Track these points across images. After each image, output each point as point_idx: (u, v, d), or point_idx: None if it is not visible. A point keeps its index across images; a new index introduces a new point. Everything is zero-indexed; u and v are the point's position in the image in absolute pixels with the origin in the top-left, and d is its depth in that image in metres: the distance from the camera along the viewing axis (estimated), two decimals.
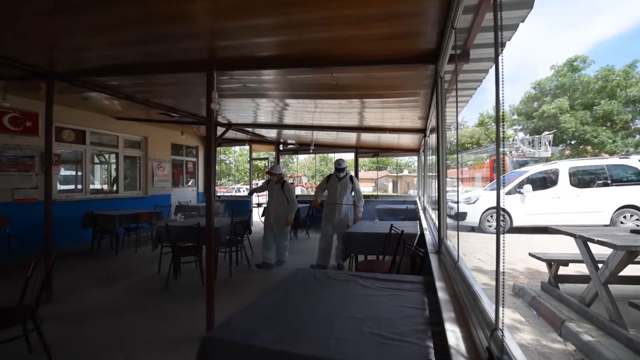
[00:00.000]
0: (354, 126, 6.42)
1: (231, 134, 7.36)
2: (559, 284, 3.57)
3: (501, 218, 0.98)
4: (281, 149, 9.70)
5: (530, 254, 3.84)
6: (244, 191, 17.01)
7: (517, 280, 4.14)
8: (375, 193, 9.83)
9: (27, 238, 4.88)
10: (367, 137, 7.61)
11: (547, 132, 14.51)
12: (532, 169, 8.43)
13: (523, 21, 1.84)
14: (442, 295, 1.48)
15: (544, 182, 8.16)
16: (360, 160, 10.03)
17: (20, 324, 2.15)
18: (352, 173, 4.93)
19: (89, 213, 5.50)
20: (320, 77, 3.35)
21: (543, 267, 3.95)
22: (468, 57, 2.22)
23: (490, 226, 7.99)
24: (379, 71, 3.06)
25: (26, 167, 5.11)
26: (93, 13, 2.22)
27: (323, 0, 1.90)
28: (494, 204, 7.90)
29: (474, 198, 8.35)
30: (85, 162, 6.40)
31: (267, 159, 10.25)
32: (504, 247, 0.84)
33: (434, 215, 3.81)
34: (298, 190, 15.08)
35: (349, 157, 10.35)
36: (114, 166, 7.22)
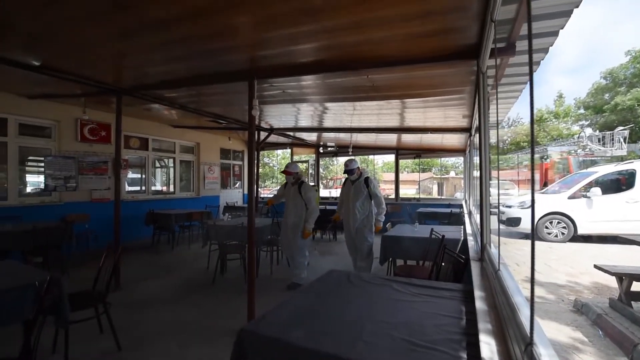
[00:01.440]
0: (394, 127, 6.28)
1: (273, 138, 7.67)
2: (632, 302, 3.10)
3: (563, 225, 0.91)
4: (321, 151, 9.84)
5: (595, 266, 3.40)
6: None
7: (581, 295, 3.69)
8: (417, 196, 9.47)
9: (102, 233, 5.62)
10: (408, 138, 7.38)
11: (621, 128, 12.61)
12: (602, 170, 7.42)
13: (577, 6, 1.67)
14: (480, 305, 1.41)
15: (616, 184, 7.14)
16: (402, 161, 9.76)
17: (93, 307, 2.50)
18: (369, 174, 4.14)
19: (151, 212, 6.16)
20: (356, 80, 3.36)
21: (612, 281, 3.47)
22: (514, 49, 2.07)
23: (549, 234, 7.21)
24: (416, 70, 2.98)
25: (101, 171, 5.90)
26: (152, 35, 2.51)
27: (353, 5, 1.92)
28: (554, 209, 7.13)
29: (528, 202, 7.61)
30: (148, 166, 7.19)
31: (307, 161, 10.48)
32: (532, 254, 0.78)
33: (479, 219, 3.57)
34: (338, 193, 15.18)
35: (389, 158, 10.10)
36: (171, 170, 7.97)
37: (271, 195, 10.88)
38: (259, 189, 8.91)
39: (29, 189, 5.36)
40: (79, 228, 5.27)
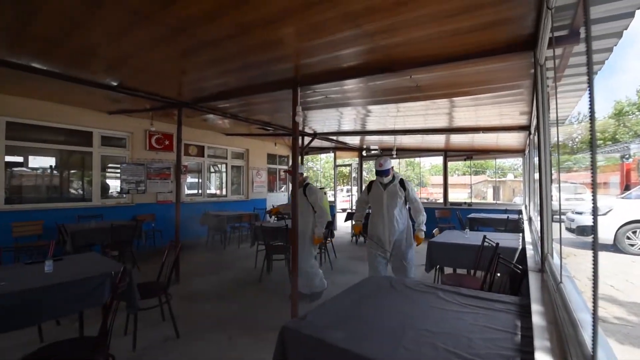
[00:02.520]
0: (441, 128, 5.98)
1: (317, 142, 7.82)
2: None
3: None
4: (364, 154, 9.75)
5: None
6: (329, 197, 17.71)
7: None
8: (468, 200, 8.85)
9: (165, 231, 6.27)
10: (458, 139, 6.96)
11: None
12: None
13: None
14: (538, 320, 1.28)
15: None
16: (452, 164, 9.21)
17: (157, 297, 2.80)
18: (401, 176, 3.52)
19: (206, 213, 6.71)
20: (399, 81, 3.29)
21: None
22: (578, 37, 1.85)
23: (633, 245, 6.17)
24: (463, 67, 2.82)
25: (165, 176, 6.60)
26: (207, 53, 2.76)
27: (394, 6, 1.90)
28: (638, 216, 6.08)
29: (606, 208, 6.61)
30: (204, 171, 7.85)
31: (350, 165, 10.46)
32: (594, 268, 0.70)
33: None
34: None
35: (437, 161, 9.63)
36: (224, 174, 8.59)
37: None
38: None
39: (108, 192, 6.20)
40: (146, 226, 5.94)
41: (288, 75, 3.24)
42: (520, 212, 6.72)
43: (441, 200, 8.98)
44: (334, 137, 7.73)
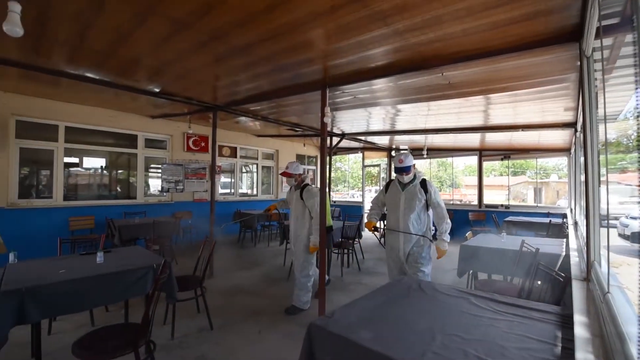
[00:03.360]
0: (476, 126, 5.71)
1: (345, 142, 7.82)
2: None
3: None
4: (393, 154, 9.57)
5: None
6: (357, 197, 17.59)
7: None
8: (505, 203, 8.35)
9: (201, 228, 6.62)
10: (494, 137, 6.60)
11: None
12: None
13: None
14: (581, 332, 1.20)
15: None
16: (488, 164, 8.76)
17: (193, 289, 2.97)
18: (424, 176, 2.99)
19: (238, 211, 6.98)
20: (430, 79, 3.20)
21: None
22: (631, 25, 1.68)
23: None
24: (501, 62, 2.68)
25: (201, 176, 6.97)
26: (240, 57, 2.89)
27: (424, 2, 1.86)
28: None
29: None
30: (236, 172, 8.17)
31: (379, 165, 10.32)
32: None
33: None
34: None
35: (471, 161, 9.20)
36: (254, 174, 8.87)
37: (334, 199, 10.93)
38: (331, 193, 9.15)
39: (150, 190, 6.68)
40: (184, 223, 6.31)
41: (317, 77, 3.28)
42: (564, 215, 6.22)
43: (475, 202, 8.56)
44: (363, 137, 7.68)
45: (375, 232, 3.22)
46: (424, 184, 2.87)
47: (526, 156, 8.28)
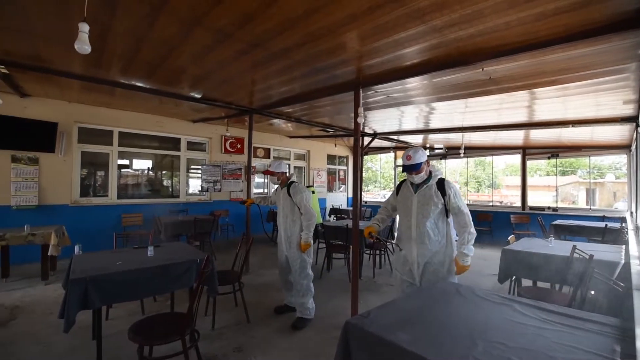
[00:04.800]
0: (519, 123, 5.37)
1: (376, 142, 7.73)
2: None
3: None
4: (427, 153, 9.27)
5: None
6: (383, 196, 17.26)
7: None
8: (552, 205, 7.72)
9: (237, 226, 6.92)
10: (540, 134, 6.15)
11: None
12: None
13: None
14: None
15: None
16: (532, 163, 8.17)
17: (232, 284, 3.13)
18: (441, 174, 2.40)
19: (271, 210, 7.19)
20: (469, 75, 3.08)
21: None
22: None
23: None
24: (547, 54, 2.51)
25: (237, 176, 7.29)
26: (276, 62, 3.00)
27: None
28: None
29: None
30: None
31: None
32: None
33: None
34: None
35: (512, 160, 8.64)
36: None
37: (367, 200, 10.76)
38: (362, 193, 9.10)
39: (191, 190, 7.11)
40: (221, 221, 6.64)
41: (350, 78, 3.30)
42: (623, 219, 5.62)
43: (517, 204, 8.03)
44: (395, 137, 7.54)
45: (378, 239, 2.66)
46: (441, 184, 2.30)
47: (577, 154, 7.61)
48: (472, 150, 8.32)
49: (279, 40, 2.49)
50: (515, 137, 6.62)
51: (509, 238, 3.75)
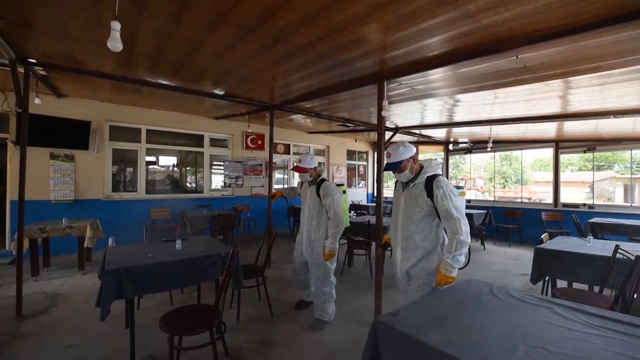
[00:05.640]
0: (552, 114, 5.06)
1: (398, 137, 7.56)
2: None
3: None
4: (451, 148, 8.97)
5: None
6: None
7: None
8: (589, 202, 7.26)
9: (258, 220, 7.03)
10: (575, 126, 5.77)
11: None
12: None
13: None
14: None
15: None
16: (564, 157, 7.71)
17: (255, 278, 3.17)
18: (440, 172, 2.12)
19: (291, 206, 7.23)
20: (501, 64, 2.91)
21: None
22: None
23: None
24: (590, 38, 2.32)
25: (258, 172, 7.39)
26: (297, 57, 2.97)
27: None
28: None
29: None
30: (289, 168, 8.46)
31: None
32: None
33: None
34: (471, 195, 13.32)
35: (542, 154, 8.18)
36: None
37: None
38: (382, 189, 8.97)
39: (213, 185, 7.28)
40: (243, 216, 6.77)
41: (373, 70, 3.22)
42: None
43: (547, 201, 7.62)
44: (417, 131, 7.34)
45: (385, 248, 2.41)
46: (429, 183, 1.96)
47: (617, 147, 7.08)
48: (500, 144, 7.95)
49: (301, 34, 2.46)
50: (547, 129, 6.25)
51: (542, 236, 3.55)
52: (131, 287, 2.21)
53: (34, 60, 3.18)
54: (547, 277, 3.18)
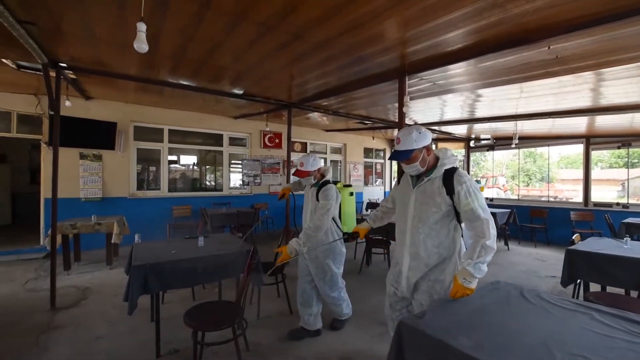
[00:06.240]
0: (583, 108, 4.79)
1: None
2: None
3: None
4: (472, 145, 8.69)
5: None
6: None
7: None
8: (622, 200, 6.84)
9: (276, 218, 7.09)
10: (608, 121, 5.44)
11: None
12: None
13: None
14: None
15: None
16: (595, 153, 7.30)
17: (274, 275, 3.19)
18: (458, 165, 1.74)
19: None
20: (531, 55, 2.77)
21: None
22: None
23: None
24: (629, 26, 2.16)
25: (275, 170, 7.45)
26: (316, 54, 2.95)
27: None
28: None
29: None
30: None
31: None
32: None
33: None
34: (492, 193, 12.87)
35: (570, 150, 7.77)
36: None
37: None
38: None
39: (232, 184, 7.40)
40: (261, 213, 6.84)
41: (394, 65, 3.15)
42: None
43: (575, 199, 7.24)
44: (436, 127, 7.16)
45: (353, 238, 2.15)
46: (449, 177, 1.64)
47: None
48: (525, 140, 7.62)
49: (321, 30, 2.43)
50: (577, 124, 5.92)
51: (573, 237, 3.36)
52: (157, 282, 2.27)
53: (64, 64, 3.33)
54: (578, 280, 3.02)
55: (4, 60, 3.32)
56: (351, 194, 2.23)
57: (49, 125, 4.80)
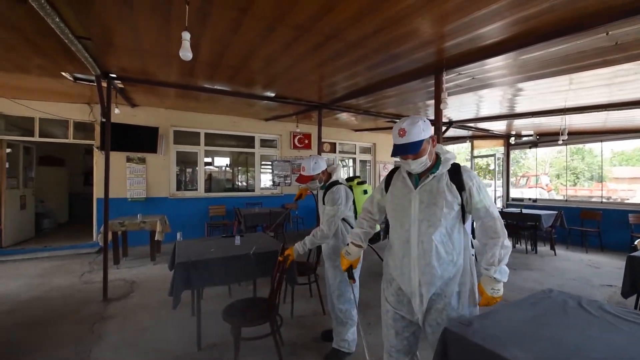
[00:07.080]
0: None
1: (451, 131, 7.12)
2: None
3: None
4: (512, 142, 8.15)
5: None
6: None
7: None
8: None
9: (306, 218, 7.16)
10: None
11: None
12: None
13: None
14: None
15: None
16: None
17: (307, 275, 3.20)
18: (454, 160, 1.51)
19: None
20: (585, 43, 2.53)
21: None
22: None
23: None
24: None
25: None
26: (351, 53, 2.92)
27: None
28: None
29: None
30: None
31: (492, 155, 8.97)
32: None
33: None
34: (535, 193, 11.98)
35: (626, 146, 7.02)
36: (351, 168, 9.02)
37: None
38: None
39: (263, 184, 7.58)
40: (292, 213, 6.94)
41: (430, 61, 3.04)
42: None
43: (634, 200, 6.52)
44: (472, 124, 6.82)
45: (351, 276, 1.98)
46: (456, 173, 1.47)
47: None
48: (573, 136, 7.02)
49: (355, 29, 2.40)
50: (636, 117, 5.34)
51: (635, 242, 3.04)
52: (199, 279, 2.38)
53: (114, 75, 3.60)
54: None
55: (63, 73, 3.66)
56: (365, 191, 2.07)
57: (101, 131, 5.22)
